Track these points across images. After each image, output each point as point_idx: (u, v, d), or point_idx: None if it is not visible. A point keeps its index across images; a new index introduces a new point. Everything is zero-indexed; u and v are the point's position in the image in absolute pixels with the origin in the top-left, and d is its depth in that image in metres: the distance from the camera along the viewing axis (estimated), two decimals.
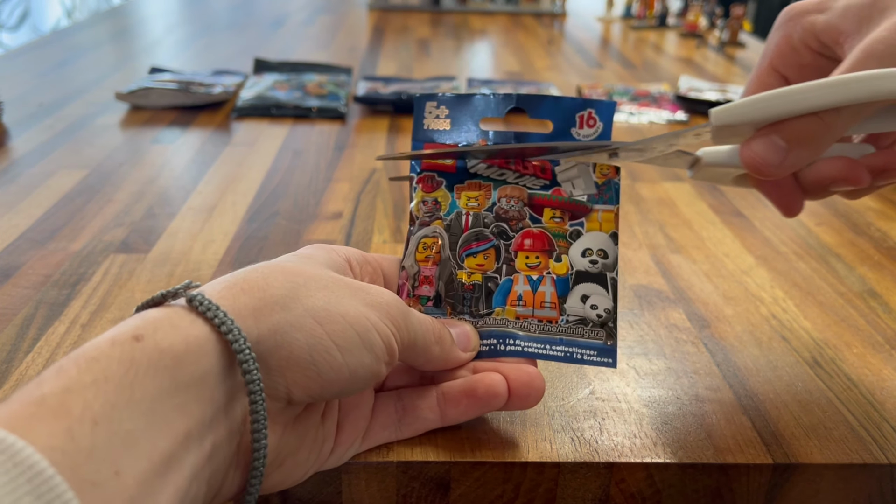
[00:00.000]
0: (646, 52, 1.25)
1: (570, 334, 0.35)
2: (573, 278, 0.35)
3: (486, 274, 0.36)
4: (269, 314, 0.27)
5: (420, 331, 0.31)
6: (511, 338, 0.35)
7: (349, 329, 0.28)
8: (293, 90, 0.87)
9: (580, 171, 0.37)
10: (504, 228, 0.36)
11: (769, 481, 0.34)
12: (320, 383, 0.27)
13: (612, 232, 0.36)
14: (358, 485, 0.33)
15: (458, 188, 0.37)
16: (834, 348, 0.42)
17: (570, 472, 0.33)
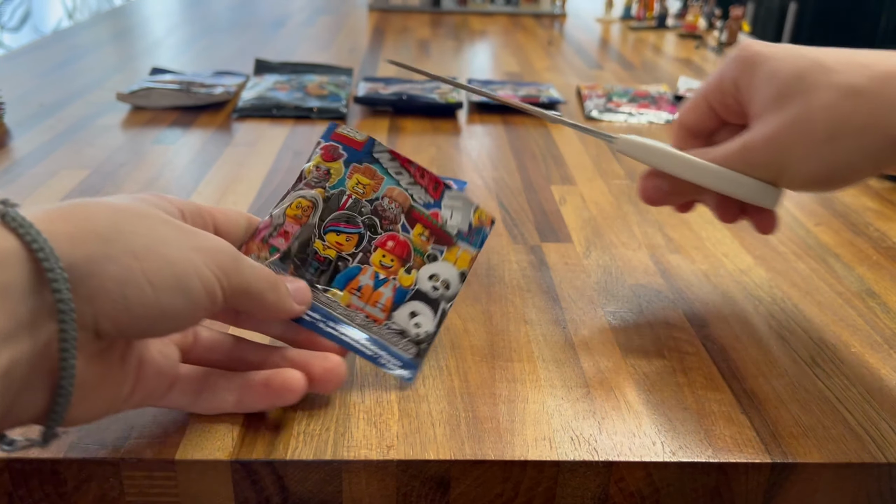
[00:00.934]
0: (645, 52, 1.25)
1: (386, 339, 0.37)
2: (412, 294, 0.37)
3: (340, 254, 0.37)
4: (85, 243, 0.27)
5: (253, 278, 0.32)
6: (334, 321, 0.36)
7: (167, 269, 0.28)
8: (294, 91, 0.87)
9: (463, 206, 0.40)
10: (375, 223, 0.38)
11: (768, 480, 0.34)
12: (129, 318, 0.28)
13: (463, 271, 0.38)
14: (358, 483, 0.33)
15: (355, 168, 0.39)
16: (832, 348, 0.43)
17: (570, 472, 0.34)
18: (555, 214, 0.59)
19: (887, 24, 2.16)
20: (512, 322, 0.44)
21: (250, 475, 0.33)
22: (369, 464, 0.33)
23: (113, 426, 0.34)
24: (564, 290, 0.48)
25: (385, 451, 0.33)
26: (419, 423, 0.35)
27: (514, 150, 0.73)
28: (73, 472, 0.33)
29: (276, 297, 0.33)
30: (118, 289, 0.27)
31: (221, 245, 0.31)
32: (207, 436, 0.34)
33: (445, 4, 1.60)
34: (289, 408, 0.36)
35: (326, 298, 0.36)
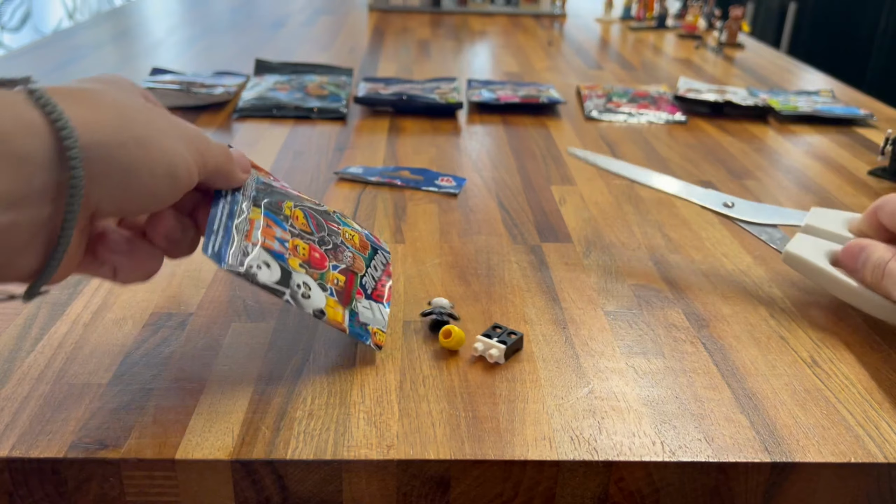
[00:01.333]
0: (645, 53, 1.25)
1: (234, 244, 0.36)
2: (283, 264, 0.38)
3: (290, 218, 0.41)
4: (100, 129, 0.30)
5: (220, 157, 0.37)
6: (229, 205, 0.38)
7: (163, 158, 0.32)
8: (294, 91, 0.87)
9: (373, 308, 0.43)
10: (330, 243, 0.42)
11: (767, 480, 0.34)
12: (128, 201, 0.32)
13: (321, 310, 0.38)
14: (358, 483, 0.33)
15: (362, 242, 0.45)
16: (832, 347, 0.43)
17: (570, 471, 0.34)
18: (555, 214, 0.59)
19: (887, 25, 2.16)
20: (512, 322, 0.44)
21: (250, 475, 0.33)
22: (369, 464, 0.33)
23: (113, 426, 0.34)
24: (564, 290, 0.48)
25: (385, 450, 0.33)
26: (419, 423, 0.35)
27: (513, 150, 0.74)
28: (74, 472, 0.33)
29: (231, 173, 0.38)
30: (123, 174, 0.31)
31: (197, 132, 0.35)
32: (207, 435, 0.34)
33: (445, 5, 1.61)
34: (290, 406, 0.36)
35: (245, 204, 0.39)
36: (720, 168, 0.71)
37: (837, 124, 0.86)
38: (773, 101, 0.91)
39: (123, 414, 0.35)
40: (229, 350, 0.40)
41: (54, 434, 0.34)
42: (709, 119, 0.87)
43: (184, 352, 0.40)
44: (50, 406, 0.36)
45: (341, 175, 0.65)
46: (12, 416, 0.35)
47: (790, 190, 0.66)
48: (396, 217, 0.57)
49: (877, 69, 2.18)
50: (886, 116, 0.91)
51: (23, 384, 0.37)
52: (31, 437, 0.34)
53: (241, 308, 0.44)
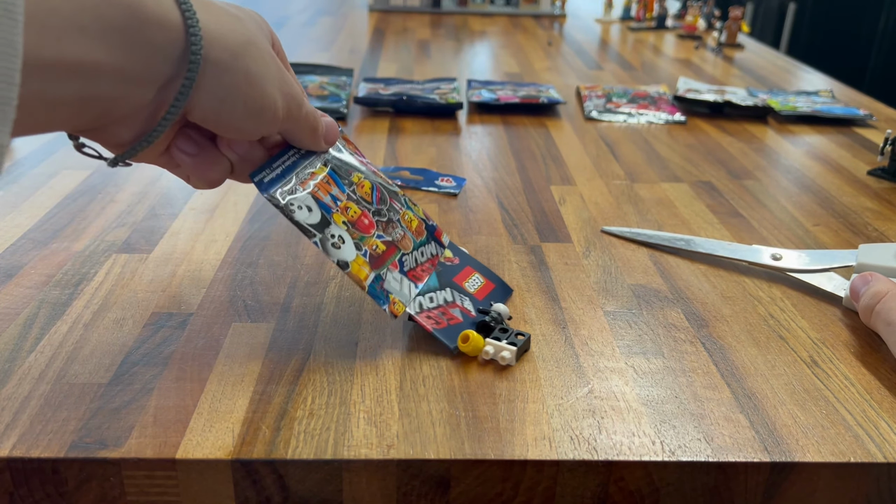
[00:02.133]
0: (644, 53, 1.25)
1: (286, 183, 0.41)
2: (325, 213, 0.41)
3: (355, 187, 0.43)
4: (221, 48, 0.34)
5: (304, 123, 0.40)
6: (299, 159, 0.42)
7: (259, 100, 0.36)
8: None
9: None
10: (386, 216, 0.44)
11: (767, 480, 0.34)
12: (214, 119, 0.36)
13: (347, 262, 0.41)
14: (359, 483, 0.34)
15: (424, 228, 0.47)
16: (832, 347, 0.43)
17: (569, 471, 0.34)
18: (554, 214, 0.59)
19: (886, 25, 2.16)
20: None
21: (251, 475, 0.33)
22: (369, 463, 0.33)
23: (114, 426, 0.34)
24: (564, 290, 0.48)
25: (385, 450, 0.34)
26: (419, 423, 0.35)
27: (513, 151, 0.74)
28: (74, 472, 0.33)
29: (311, 141, 0.42)
30: (222, 97, 0.35)
31: (296, 92, 0.39)
32: (208, 435, 0.34)
33: (445, 5, 1.61)
34: (290, 406, 0.36)
35: (313, 162, 0.42)
36: (720, 168, 0.71)
37: (837, 124, 0.86)
38: (772, 101, 0.91)
39: (124, 414, 0.35)
40: (229, 350, 0.40)
41: (55, 434, 0.34)
42: (708, 119, 0.87)
43: (184, 352, 0.40)
44: (50, 406, 0.36)
45: None
46: (13, 415, 0.35)
47: (790, 190, 0.66)
48: None
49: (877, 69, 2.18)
50: (886, 116, 0.91)
51: (23, 384, 0.37)
52: (31, 437, 0.34)
53: (241, 308, 0.44)
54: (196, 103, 0.35)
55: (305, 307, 0.45)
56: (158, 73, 0.33)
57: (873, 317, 0.42)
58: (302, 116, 0.40)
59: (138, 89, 0.33)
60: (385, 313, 0.42)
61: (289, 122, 0.39)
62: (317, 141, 0.42)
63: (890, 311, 0.41)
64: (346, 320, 0.43)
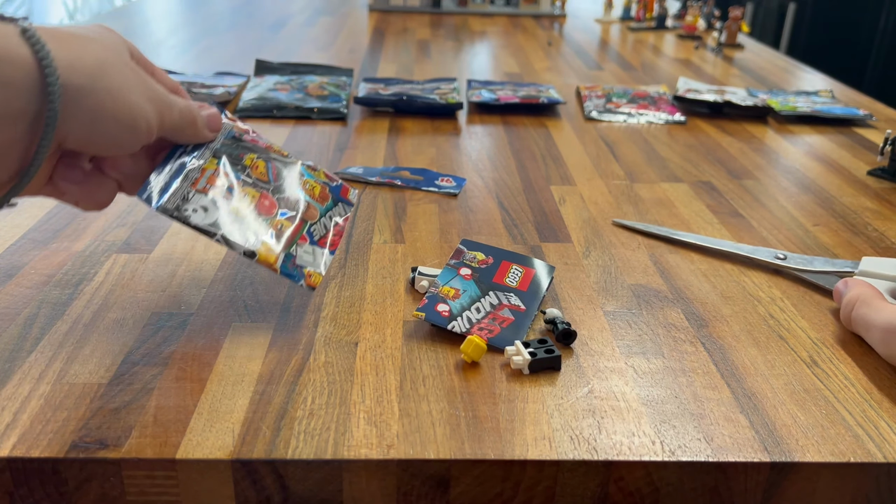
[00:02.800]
0: (644, 53, 1.25)
1: (174, 191, 0.41)
2: (222, 208, 0.42)
3: (248, 169, 0.44)
4: (79, 74, 0.34)
5: (180, 120, 0.41)
6: (185, 155, 0.42)
7: (128, 111, 0.36)
8: (294, 91, 0.87)
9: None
10: (284, 191, 0.45)
11: (767, 480, 0.34)
12: (90, 142, 0.36)
13: (253, 252, 0.41)
14: (359, 483, 0.34)
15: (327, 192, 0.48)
16: (831, 347, 0.43)
17: (569, 471, 0.34)
18: (554, 214, 0.59)
19: (886, 25, 2.16)
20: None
21: (251, 474, 0.33)
22: (369, 463, 0.33)
23: (114, 426, 0.34)
24: (564, 290, 0.48)
25: (385, 450, 0.34)
26: (419, 423, 0.35)
27: (513, 151, 0.74)
28: (74, 472, 0.33)
29: (193, 134, 0.42)
30: (91, 119, 0.35)
31: (163, 96, 0.39)
32: (208, 435, 0.34)
33: (445, 5, 1.61)
34: (290, 406, 0.36)
35: (203, 154, 0.43)
36: (720, 168, 0.71)
37: (837, 124, 0.86)
38: (772, 101, 0.91)
39: (124, 414, 0.35)
40: (229, 350, 0.40)
41: (55, 434, 0.34)
42: (708, 119, 0.87)
43: (184, 352, 0.40)
44: (50, 406, 0.36)
45: (341, 175, 0.65)
46: (13, 415, 0.35)
47: (790, 190, 0.66)
48: (396, 217, 0.58)
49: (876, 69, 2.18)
50: (886, 117, 0.91)
51: (23, 384, 0.37)
52: (31, 437, 0.34)
53: (241, 308, 0.44)
54: (67, 132, 0.35)
55: (305, 307, 0.45)
56: (16, 109, 0.33)
57: (853, 322, 0.43)
58: (176, 117, 0.40)
59: (0, 129, 0.33)
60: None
61: (164, 126, 0.39)
62: (200, 133, 0.42)
63: (865, 316, 0.42)
64: (346, 320, 0.43)
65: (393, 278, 0.48)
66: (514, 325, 0.42)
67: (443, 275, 0.46)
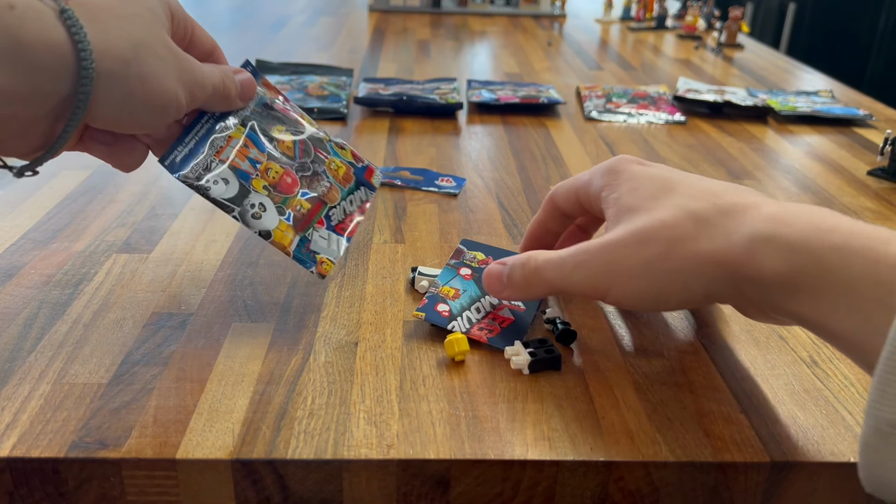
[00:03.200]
0: (644, 53, 1.25)
1: (198, 159, 0.41)
2: (244, 182, 0.42)
3: (275, 141, 0.44)
4: (111, 58, 0.34)
5: (213, 95, 0.41)
6: (213, 123, 0.43)
7: (159, 97, 0.36)
8: (294, 91, 0.87)
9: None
10: (309, 169, 0.44)
11: (767, 480, 0.34)
12: (119, 122, 0.36)
13: (269, 231, 0.42)
14: (358, 483, 0.34)
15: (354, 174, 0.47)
16: (831, 347, 0.43)
17: (569, 471, 0.34)
18: None
19: (886, 25, 2.16)
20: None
21: (251, 474, 0.33)
22: (369, 463, 0.33)
23: (114, 426, 0.34)
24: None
25: (385, 450, 0.34)
26: (419, 423, 0.35)
27: (513, 151, 0.74)
28: (74, 472, 0.33)
29: (226, 104, 0.43)
30: (122, 103, 0.35)
31: (197, 75, 0.39)
32: (208, 435, 0.34)
33: (445, 5, 1.61)
34: (290, 406, 0.36)
35: (229, 124, 0.43)
36: (719, 168, 0.71)
37: (836, 124, 0.86)
38: (772, 101, 0.91)
39: (124, 414, 0.35)
40: (229, 350, 0.40)
41: (55, 434, 0.34)
42: (708, 119, 0.87)
43: (184, 352, 0.40)
44: (50, 406, 0.36)
45: None
46: (13, 415, 0.35)
47: (790, 190, 0.66)
48: (396, 217, 0.58)
49: (876, 69, 2.18)
50: (886, 117, 0.91)
51: (23, 384, 0.37)
52: (31, 437, 0.34)
53: (241, 308, 0.44)
54: (95, 114, 0.35)
55: (305, 307, 0.45)
56: (48, 92, 0.33)
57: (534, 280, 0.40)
58: (209, 92, 0.40)
59: (28, 108, 0.33)
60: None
61: (195, 103, 0.40)
62: (233, 104, 0.43)
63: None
64: (346, 320, 0.43)
65: (393, 278, 0.48)
66: (514, 326, 0.42)
67: (443, 275, 0.46)
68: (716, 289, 0.35)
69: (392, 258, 0.51)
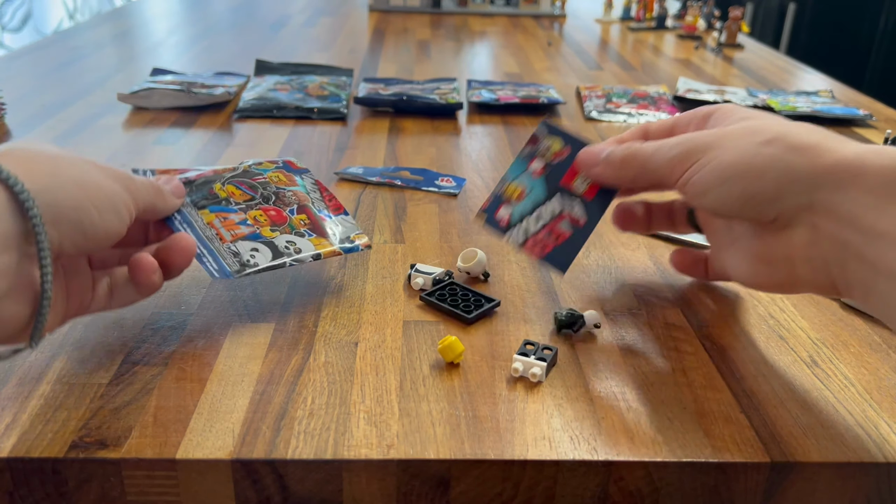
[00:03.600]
0: (644, 53, 1.25)
1: (217, 251, 0.42)
2: (264, 241, 0.43)
3: (229, 198, 0.45)
4: (38, 177, 0.33)
5: (147, 193, 0.40)
6: (188, 224, 0.43)
7: (103, 195, 0.36)
8: (294, 91, 0.87)
9: (349, 227, 0.47)
10: (270, 197, 0.46)
11: (767, 480, 0.34)
12: (83, 237, 0.35)
13: (319, 252, 0.44)
14: (359, 483, 0.34)
15: (282, 171, 0.49)
16: (831, 347, 0.43)
17: (569, 471, 0.34)
18: None
19: (886, 25, 2.16)
20: (511, 322, 0.44)
21: (251, 474, 0.33)
22: (369, 463, 0.33)
23: (114, 426, 0.34)
24: (564, 290, 0.48)
25: (385, 450, 0.34)
26: (419, 423, 0.35)
27: (513, 150, 0.74)
28: (74, 472, 0.33)
29: (164, 203, 0.41)
30: (74, 213, 0.34)
31: (121, 172, 0.38)
32: (208, 435, 0.34)
33: (445, 5, 1.61)
34: (290, 406, 0.36)
35: (194, 214, 0.43)
36: None
37: (837, 125, 0.86)
38: (772, 101, 0.91)
39: (124, 414, 0.35)
40: (229, 350, 0.40)
41: (55, 434, 0.34)
42: None
43: (184, 352, 0.40)
44: (50, 406, 0.36)
45: (341, 175, 0.65)
46: (13, 416, 0.35)
47: None
48: (397, 217, 0.58)
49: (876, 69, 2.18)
50: (886, 117, 0.91)
51: (23, 384, 0.37)
52: (31, 437, 0.34)
53: (241, 308, 0.44)
54: (61, 237, 0.34)
55: (305, 307, 0.45)
56: (2, 233, 0.31)
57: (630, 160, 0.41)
58: (143, 191, 0.39)
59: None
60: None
61: (138, 203, 0.38)
62: (170, 201, 0.42)
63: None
64: (346, 320, 0.43)
65: (393, 278, 0.48)
66: (569, 243, 0.40)
67: (513, 167, 0.43)
68: (807, 201, 0.36)
69: (392, 258, 0.51)
